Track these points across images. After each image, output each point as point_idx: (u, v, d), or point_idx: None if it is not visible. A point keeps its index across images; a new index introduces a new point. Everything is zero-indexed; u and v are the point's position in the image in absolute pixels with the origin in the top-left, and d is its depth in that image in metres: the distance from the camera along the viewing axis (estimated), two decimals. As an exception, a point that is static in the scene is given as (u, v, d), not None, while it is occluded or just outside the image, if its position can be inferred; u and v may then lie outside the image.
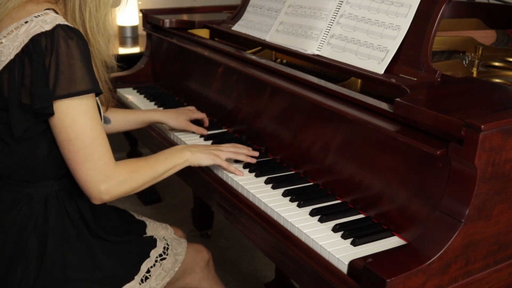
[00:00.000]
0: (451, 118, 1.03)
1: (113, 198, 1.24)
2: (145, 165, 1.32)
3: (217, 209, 1.51)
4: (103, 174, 1.20)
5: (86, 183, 1.20)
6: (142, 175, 1.29)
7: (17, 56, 1.14)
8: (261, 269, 2.48)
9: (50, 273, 1.22)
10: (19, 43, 1.15)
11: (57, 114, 1.15)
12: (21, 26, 1.17)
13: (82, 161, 1.18)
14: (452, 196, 1.05)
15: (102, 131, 1.21)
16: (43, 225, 1.24)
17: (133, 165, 1.29)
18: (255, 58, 1.67)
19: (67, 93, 1.13)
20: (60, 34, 1.13)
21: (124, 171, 1.25)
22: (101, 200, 1.22)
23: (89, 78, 1.16)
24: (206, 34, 2.20)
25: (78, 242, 1.27)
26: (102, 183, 1.20)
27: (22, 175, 1.24)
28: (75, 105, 1.15)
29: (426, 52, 1.32)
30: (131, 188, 1.27)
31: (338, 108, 1.29)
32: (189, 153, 1.41)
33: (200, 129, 1.72)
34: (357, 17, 1.48)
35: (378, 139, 1.22)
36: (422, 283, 1.01)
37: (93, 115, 1.18)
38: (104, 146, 1.21)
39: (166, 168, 1.36)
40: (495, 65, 1.71)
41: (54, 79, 1.12)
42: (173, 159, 1.38)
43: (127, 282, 1.31)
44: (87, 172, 1.19)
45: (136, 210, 1.61)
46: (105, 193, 1.21)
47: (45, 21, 1.15)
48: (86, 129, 1.17)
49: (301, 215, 1.26)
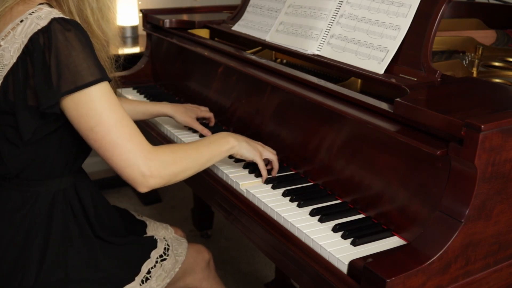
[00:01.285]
0: (451, 118, 1.03)
1: (161, 182, 1.17)
2: (187, 147, 1.26)
3: (217, 209, 1.51)
4: (140, 155, 1.13)
5: (125, 169, 1.13)
6: (186, 156, 1.23)
7: (19, 59, 1.12)
8: (261, 269, 2.48)
9: (51, 272, 1.22)
10: (19, 44, 1.12)
11: (72, 107, 1.11)
12: (17, 26, 1.14)
13: (112, 147, 1.12)
14: (452, 196, 1.05)
15: (124, 113, 1.14)
16: (47, 223, 1.24)
17: (173, 147, 1.24)
18: (255, 58, 1.67)
19: (74, 87, 1.09)
20: (57, 28, 1.09)
21: (164, 152, 1.19)
22: (148, 184, 1.16)
23: (95, 67, 1.11)
24: (206, 34, 2.20)
25: (80, 242, 1.27)
26: (143, 165, 1.13)
27: (31, 174, 1.23)
28: (87, 94, 1.10)
29: (426, 52, 1.32)
30: (176, 170, 1.20)
31: (338, 108, 1.29)
32: (234, 140, 1.35)
33: (205, 130, 1.70)
34: (357, 17, 1.48)
35: (378, 139, 1.22)
36: (422, 283, 1.01)
37: (109, 99, 1.13)
38: (131, 128, 1.15)
39: (211, 153, 1.29)
40: (495, 65, 1.71)
41: (57, 75, 1.08)
42: (218, 144, 1.32)
43: (127, 283, 1.30)
44: (121, 157, 1.13)
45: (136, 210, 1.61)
46: (149, 175, 1.14)
47: (40, 17, 1.12)
48: (105, 113, 1.11)
49: (301, 215, 1.26)
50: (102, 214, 1.36)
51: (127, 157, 1.13)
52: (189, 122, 1.71)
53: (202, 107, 1.79)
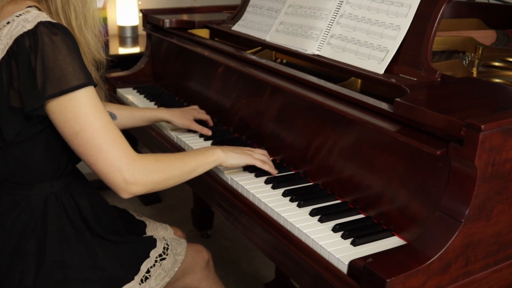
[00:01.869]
0: (451, 118, 1.02)
1: (143, 190, 1.17)
2: (172, 157, 1.27)
3: (217, 209, 1.51)
4: (123, 161, 1.14)
5: (108, 175, 1.14)
6: (170, 165, 1.24)
7: (3, 60, 1.11)
8: (261, 269, 2.48)
9: (49, 274, 1.22)
10: (3, 46, 1.11)
11: (57, 111, 1.11)
12: (3, 27, 1.13)
13: (95, 152, 1.12)
14: (452, 196, 1.05)
15: (108, 119, 1.15)
16: (42, 226, 1.24)
17: (158, 156, 1.24)
18: (255, 58, 1.67)
19: (59, 91, 1.08)
20: (43, 31, 1.08)
21: (148, 160, 1.19)
22: (130, 191, 1.16)
23: (80, 71, 1.11)
24: (206, 34, 2.20)
25: (78, 243, 1.27)
26: (125, 171, 1.13)
27: (19, 178, 1.23)
28: (73, 99, 1.10)
29: (426, 52, 1.32)
30: (159, 178, 1.20)
31: (338, 108, 1.29)
32: (221, 152, 1.36)
33: (205, 129, 1.71)
34: (357, 17, 1.48)
35: (378, 139, 1.22)
36: (422, 283, 1.01)
37: (95, 105, 1.13)
38: (115, 134, 1.15)
39: (196, 164, 1.30)
40: (495, 65, 1.71)
41: (42, 78, 1.07)
42: (204, 155, 1.33)
43: (126, 282, 1.30)
44: (104, 162, 1.13)
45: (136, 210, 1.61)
46: (131, 182, 1.14)
47: (27, 19, 1.11)
48: (90, 118, 1.11)
49: (301, 215, 1.26)
50: (100, 214, 1.36)
51: (111, 163, 1.13)
52: (187, 124, 1.71)
53: (194, 106, 1.80)
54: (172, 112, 1.73)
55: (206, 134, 1.70)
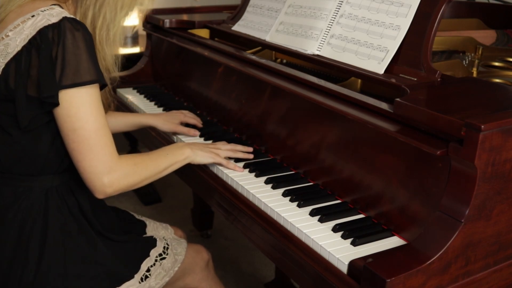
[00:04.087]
0: (451, 118, 1.02)
1: (117, 192, 1.24)
2: (147, 159, 1.33)
3: (217, 209, 1.51)
4: (107, 165, 1.20)
5: (89, 175, 1.20)
6: (145, 169, 1.30)
7: (24, 48, 1.17)
8: (261, 269, 2.48)
9: (50, 267, 1.23)
10: (26, 35, 1.17)
11: (62, 104, 1.16)
12: (27, 19, 1.19)
13: (86, 151, 1.18)
14: (452, 196, 1.05)
15: (105, 123, 1.21)
16: (43, 219, 1.25)
17: (136, 159, 1.30)
18: (255, 58, 1.67)
19: (72, 83, 1.15)
20: (67, 26, 1.15)
21: (127, 164, 1.26)
22: (104, 193, 1.22)
23: (94, 69, 1.18)
24: (206, 34, 2.20)
25: (80, 237, 1.28)
26: (106, 174, 1.20)
27: (23, 168, 1.25)
28: (80, 95, 1.17)
29: (426, 52, 1.32)
30: (134, 181, 1.27)
31: (338, 108, 1.29)
32: (190, 150, 1.43)
33: (192, 131, 1.71)
34: (357, 17, 1.48)
35: (378, 139, 1.22)
36: (422, 283, 1.01)
37: (97, 106, 1.19)
38: (107, 138, 1.21)
39: (167, 164, 1.37)
40: (495, 65, 1.71)
41: (61, 69, 1.14)
42: (174, 155, 1.40)
43: (126, 280, 1.31)
44: (90, 163, 1.19)
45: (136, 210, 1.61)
46: (108, 185, 1.21)
47: (52, 14, 1.18)
48: (91, 119, 1.18)
49: (301, 215, 1.26)
50: (100, 212, 1.36)
51: (96, 164, 1.19)
52: (172, 128, 1.72)
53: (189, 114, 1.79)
54: (156, 117, 1.74)
55: (193, 135, 1.70)
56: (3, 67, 1.18)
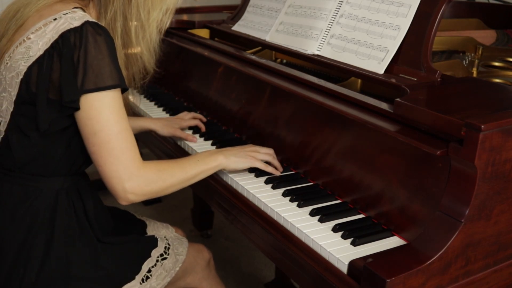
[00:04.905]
0: (451, 118, 1.03)
1: (140, 199, 1.22)
2: (175, 166, 1.30)
3: (217, 209, 1.51)
4: (128, 170, 1.18)
5: (111, 180, 1.18)
6: (171, 175, 1.27)
7: (47, 52, 1.16)
8: (261, 269, 2.48)
9: (53, 269, 1.23)
10: (48, 39, 1.17)
11: (83, 107, 1.15)
12: (49, 23, 1.19)
13: (106, 155, 1.17)
14: (452, 196, 1.05)
15: (127, 126, 1.20)
16: (51, 221, 1.25)
17: (161, 165, 1.27)
18: (255, 58, 1.67)
19: (95, 87, 1.14)
20: (89, 30, 1.15)
21: (151, 170, 1.23)
22: (127, 199, 1.20)
23: (116, 73, 1.17)
24: (206, 34, 2.20)
25: (82, 241, 1.28)
26: (128, 180, 1.18)
27: (35, 168, 1.24)
28: (101, 98, 1.16)
29: (426, 52, 1.32)
30: (159, 188, 1.25)
31: (338, 108, 1.29)
32: (223, 157, 1.39)
33: (190, 137, 1.69)
34: (357, 17, 1.48)
35: (378, 139, 1.22)
36: (422, 283, 1.01)
37: (118, 110, 1.18)
38: (129, 142, 1.19)
39: (197, 171, 1.33)
40: (495, 65, 1.71)
41: (83, 73, 1.14)
42: (205, 162, 1.36)
43: (127, 282, 1.31)
44: (111, 167, 1.17)
45: (136, 210, 1.61)
46: (130, 191, 1.19)
47: (74, 18, 1.18)
48: (111, 122, 1.16)
49: (301, 215, 1.26)
50: (101, 215, 1.36)
51: (117, 169, 1.17)
52: (172, 132, 1.71)
53: (186, 117, 1.78)
54: (156, 122, 1.73)
55: (191, 141, 1.68)
56: (25, 70, 1.18)
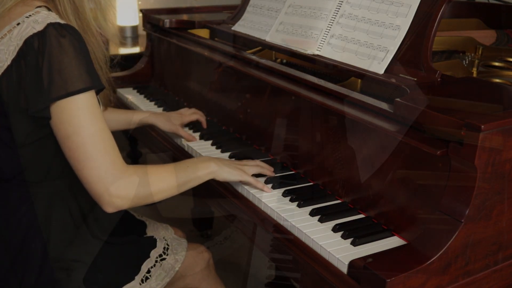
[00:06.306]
0: (451, 118, 1.03)
1: (127, 204, 1.15)
2: (162, 170, 1.24)
3: (217, 209, 1.51)
4: (110, 173, 1.12)
5: (94, 185, 1.12)
6: (159, 180, 1.21)
7: (14, 61, 1.11)
8: (261, 269, 2.48)
9: (51, 273, 1.22)
10: (14, 47, 1.11)
11: (55, 114, 1.10)
12: (13, 28, 1.13)
13: (84, 159, 1.11)
14: (452, 196, 1.05)
15: (104, 127, 1.13)
16: (46, 224, 1.24)
17: (149, 168, 1.20)
18: (255, 58, 1.67)
19: (64, 93, 1.08)
20: (52, 33, 1.09)
21: (137, 173, 1.17)
22: (113, 205, 1.13)
23: (86, 75, 1.11)
24: (206, 34, 2.20)
25: (80, 242, 1.27)
26: (112, 183, 1.11)
27: (28, 176, 1.23)
28: (72, 102, 1.09)
29: (426, 52, 1.31)
30: (147, 192, 1.18)
31: (338, 108, 1.29)
32: (215, 165, 1.33)
33: (190, 137, 1.69)
34: (357, 17, 1.48)
35: (378, 139, 1.22)
36: (422, 283, 1.01)
37: (92, 110, 1.12)
38: (108, 143, 1.13)
39: (187, 178, 1.27)
40: (495, 65, 1.71)
41: (48, 80, 1.08)
42: (197, 168, 1.29)
43: (127, 282, 1.31)
44: (91, 171, 1.11)
45: (136, 210, 1.61)
46: (116, 195, 1.12)
47: (37, 21, 1.11)
48: (85, 124, 1.10)
49: (301, 215, 1.26)
50: (100, 216, 1.35)
51: (98, 173, 1.11)
52: (173, 129, 1.71)
53: (187, 112, 1.77)
54: (156, 116, 1.72)
55: (191, 140, 1.68)
56: None
